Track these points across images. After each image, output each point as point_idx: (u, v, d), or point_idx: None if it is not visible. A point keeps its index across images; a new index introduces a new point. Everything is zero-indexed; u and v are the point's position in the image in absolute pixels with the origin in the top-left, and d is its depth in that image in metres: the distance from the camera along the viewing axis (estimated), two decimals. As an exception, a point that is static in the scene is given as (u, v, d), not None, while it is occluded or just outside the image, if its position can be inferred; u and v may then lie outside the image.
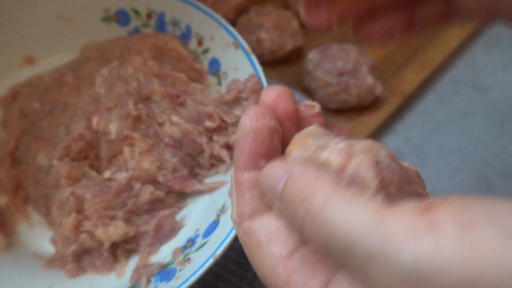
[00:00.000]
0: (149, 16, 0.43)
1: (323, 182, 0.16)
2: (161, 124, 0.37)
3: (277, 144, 0.19)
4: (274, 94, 0.21)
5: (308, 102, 0.22)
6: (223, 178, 0.36)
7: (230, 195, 0.20)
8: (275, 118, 0.20)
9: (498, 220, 0.13)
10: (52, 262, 0.34)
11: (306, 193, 0.16)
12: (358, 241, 0.14)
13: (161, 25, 0.43)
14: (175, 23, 0.42)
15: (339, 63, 0.44)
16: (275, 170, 0.18)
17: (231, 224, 0.29)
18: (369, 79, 0.44)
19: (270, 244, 0.18)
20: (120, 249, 0.34)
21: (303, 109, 0.22)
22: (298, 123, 0.21)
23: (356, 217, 0.14)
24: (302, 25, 0.52)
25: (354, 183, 0.16)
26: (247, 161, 0.19)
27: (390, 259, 0.13)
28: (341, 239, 0.14)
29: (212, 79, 0.41)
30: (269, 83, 0.39)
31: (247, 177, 0.19)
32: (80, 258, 0.34)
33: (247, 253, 0.19)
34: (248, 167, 0.19)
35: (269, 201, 0.18)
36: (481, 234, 0.12)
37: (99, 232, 0.32)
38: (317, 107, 0.22)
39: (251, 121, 0.19)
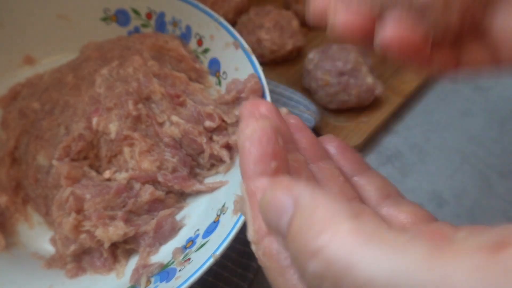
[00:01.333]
0: (149, 16, 0.43)
1: (341, 217, 0.12)
2: (161, 124, 0.37)
3: (282, 144, 0.17)
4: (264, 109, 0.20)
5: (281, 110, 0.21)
6: (223, 178, 0.36)
7: (242, 211, 0.18)
8: (277, 115, 0.19)
9: None
10: (52, 262, 0.34)
11: (320, 241, 0.12)
12: None
13: (161, 25, 0.43)
14: (175, 23, 0.42)
15: (339, 63, 0.44)
16: (279, 196, 0.14)
17: (231, 224, 0.29)
18: (369, 79, 0.44)
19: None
20: (120, 249, 0.34)
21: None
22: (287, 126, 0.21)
23: (402, 265, 0.10)
24: (302, 25, 0.52)
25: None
26: (255, 166, 0.17)
27: None
28: None
29: (212, 79, 0.41)
30: (269, 83, 0.39)
31: (260, 185, 0.16)
32: (80, 258, 0.34)
33: (268, 277, 0.16)
34: (258, 173, 0.17)
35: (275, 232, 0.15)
36: None
37: (99, 232, 0.32)
38: (284, 110, 0.22)
39: (252, 123, 0.17)
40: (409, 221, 0.19)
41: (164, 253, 0.33)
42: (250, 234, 0.17)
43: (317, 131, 0.44)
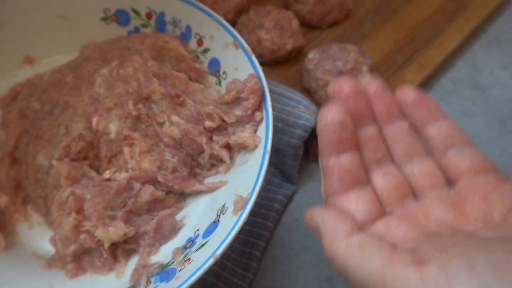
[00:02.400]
0: (149, 16, 0.43)
1: (340, 238, 0.21)
2: (161, 124, 0.37)
3: (351, 130, 0.24)
4: (347, 88, 0.24)
5: (363, 77, 0.26)
6: (223, 178, 0.36)
7: (320, 175, 0.25)
8: (345, 112, 0.23)
9: (478, 274, 0.16)
10: (52, 262, 0.34)
11: (331, 254, 0.21)
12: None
13: (161, 25, 0.43)
14: (175, 23, 0.42)
15: (339, 63, 0.44)
16: (308, 222, 0.23)
17: (231, 224, 0.29)
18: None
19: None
20: (120, 249, 0.34)
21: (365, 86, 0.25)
22: (367, 98, 0.25)
23: (373, 266, 0.19)
24: (302, 25, 0.52)
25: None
26: (326, 149, 0.23)
27: None
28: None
29: (212, 79, 0.41)
30: (269, 83, 0.39)
31: (331, 162, 0.23)
32: (80, 258, 0.34)
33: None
34: (328, 153, 0.23)
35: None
36: None
37: (99, 232, 0.32)
38: (366, 79, 0.25)
39: (326, 117, 0.23)
40: (466, 172, 0.23)
41: (164, 253, 0.33)
42: (322, 191, 0.24)
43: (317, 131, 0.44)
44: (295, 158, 0.42)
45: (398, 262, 0.18)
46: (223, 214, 0.31)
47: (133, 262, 0.33)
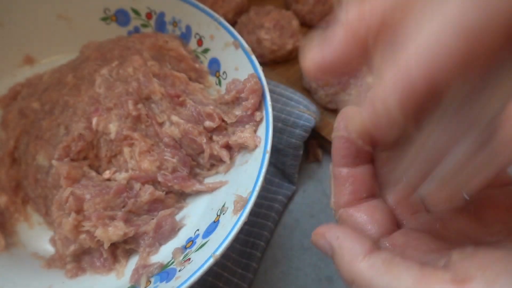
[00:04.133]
0: (149, 16, 0.43)
1: (359, 258, 0.19)
2: (161, 124, 0.37)
3: (366, 149, 0.23)
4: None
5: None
6: (223, 178, 0.36)
7: (330, 183, 0.24)
8: (363, 128, 0.22)
9: None
10: (52, 262, 0.34)
11: (349, 277, 0.19)
12: None
13: (161, 25, 0.43)
14: (175, 23, 0.42)
15: (339, 63, 0.44)
16: (318, 242, 0.21)
17: (231, 224, 0.29)
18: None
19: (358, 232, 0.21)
20: (120, 249, 0.34)
21: None
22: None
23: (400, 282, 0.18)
24: (302, 25, 0.52)
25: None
26: (340, 160, 0.23)
27: None
28: None
29: (212, 79, 0.41)
30: (269, 83, 0.39)
31: (344, 173, 0.23)
32: (80, 258, 0.34)
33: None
34: (342, 164, 0.23)
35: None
36: None
37: (99, 233, 0.32)
38: None
39: (343, 129, 0.22)
40: None
41: (164, 253, 0.33)
42: (331, 203, 0.23)
43: (317, 131, 0.44)
44: (295, 158, 0.42)
45: (435, 281, 0.17)
46: (223, 214, 0.31)
47: (133, 262, 0.33)
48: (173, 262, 0.31)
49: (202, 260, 0.27)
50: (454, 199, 0.19)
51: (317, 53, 0.20)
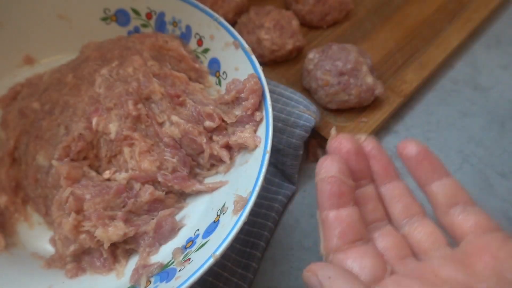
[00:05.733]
0: (149, 16, 0.43)
1: None
2: (161, 124, 0.37)
3: (350, 185, 0.23)
4: (346, 146, 0.25)
5: (358, 137, 0.26)
6: (223, 178, 0.36)
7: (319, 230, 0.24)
8: (343, 165, 0.23)
9: None
10: (52, 262, 0.34)
11: None
12: None
13: (161, 25, 0.43)
14: (175, 23, 0.42)
15: (339, 63, 0.44)
16: (310, 279, 0.21)
17: (231, 224, 0.29)
18: (369, 79, 0.44)
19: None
20: (120, 249, 0.34)
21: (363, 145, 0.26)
22: (364, 156, 0.25)
23: None
24: (302, 25, 0.52)
25: None
26: (326, 201, 0.23)
27: None
28: None
29: (212, 79, 0.41)
30: (269, 83, 0.39)
31: (331, 216, 0.23)
32: (80, 258, 0.34)
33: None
34: (328, 207, 0.23)
35: None
36: None
37: (99, 233, 0.32)
38: (362, 138, 0.26)
39: (325, 170, 0.23)
40: (471, 231, 0.23)
41: (164, 253, 0.33)
42: (321, 248, 0.23)
43: (317, 131, 0.44)
44: (295, 158, 0.42)
45: None
46: (223, 214, 0.31)
47: (133, 262, 0.33)
48: (173, 262, 0.31)
49: (202, 260, 0.27)
50: None
51: None
